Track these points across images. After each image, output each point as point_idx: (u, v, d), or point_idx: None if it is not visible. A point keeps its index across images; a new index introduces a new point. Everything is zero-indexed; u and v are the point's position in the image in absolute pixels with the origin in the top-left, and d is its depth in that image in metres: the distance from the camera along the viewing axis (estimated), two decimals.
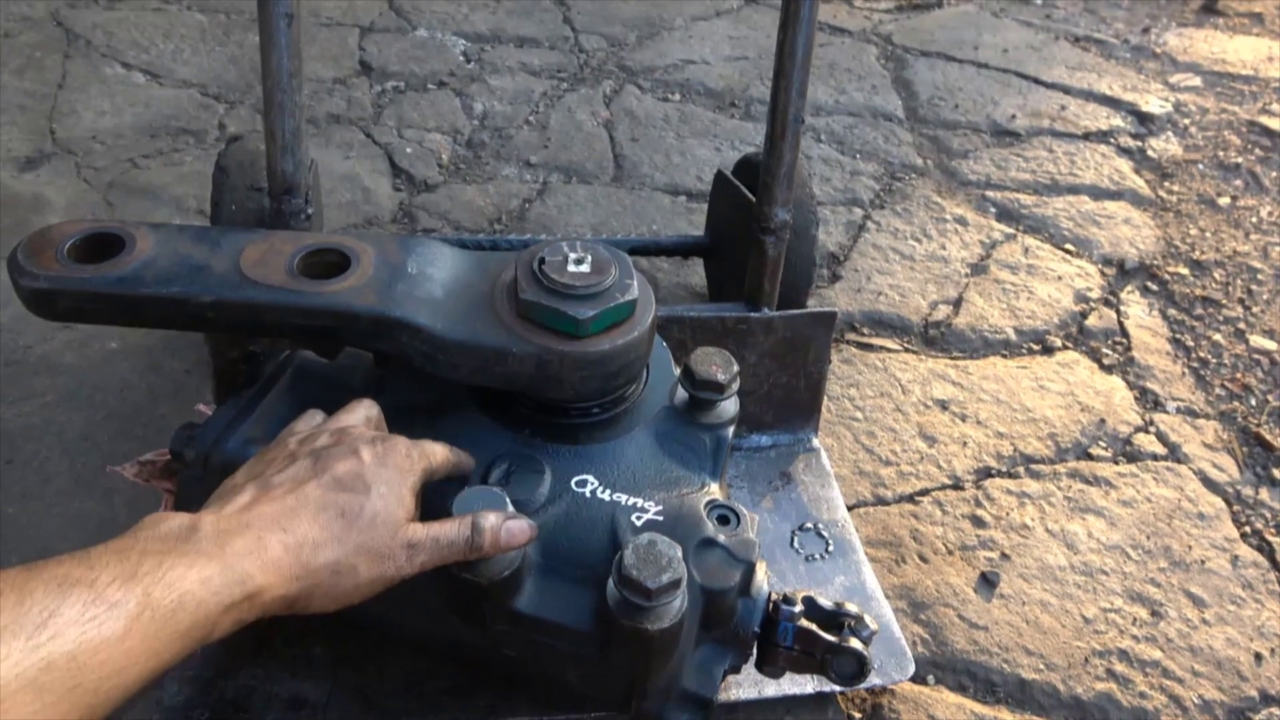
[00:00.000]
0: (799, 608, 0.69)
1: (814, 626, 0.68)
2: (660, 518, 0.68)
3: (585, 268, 0.69)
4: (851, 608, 0.70)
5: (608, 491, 0.69)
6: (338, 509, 0.55)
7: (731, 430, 0.76)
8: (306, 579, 0.53)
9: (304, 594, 0.54)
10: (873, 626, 0.69)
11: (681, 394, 0.76)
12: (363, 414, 0.66)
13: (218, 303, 0.67)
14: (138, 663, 0.45)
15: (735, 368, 0.75)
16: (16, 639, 0.41)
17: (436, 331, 0.68)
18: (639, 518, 0.67)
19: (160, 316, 0.69)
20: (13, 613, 0.41)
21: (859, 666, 0.68)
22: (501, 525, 0.60)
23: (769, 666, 0.71)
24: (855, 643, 0.68)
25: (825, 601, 0.70)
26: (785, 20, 0.87)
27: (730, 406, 0.76)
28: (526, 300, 0.68)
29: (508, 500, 0.62)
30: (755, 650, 0.70)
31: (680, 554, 0.61)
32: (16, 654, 0.40)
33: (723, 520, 0.69)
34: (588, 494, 0.69)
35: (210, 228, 0.74)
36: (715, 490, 0.71)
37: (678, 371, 0.78)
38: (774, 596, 0.69)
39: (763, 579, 0.69)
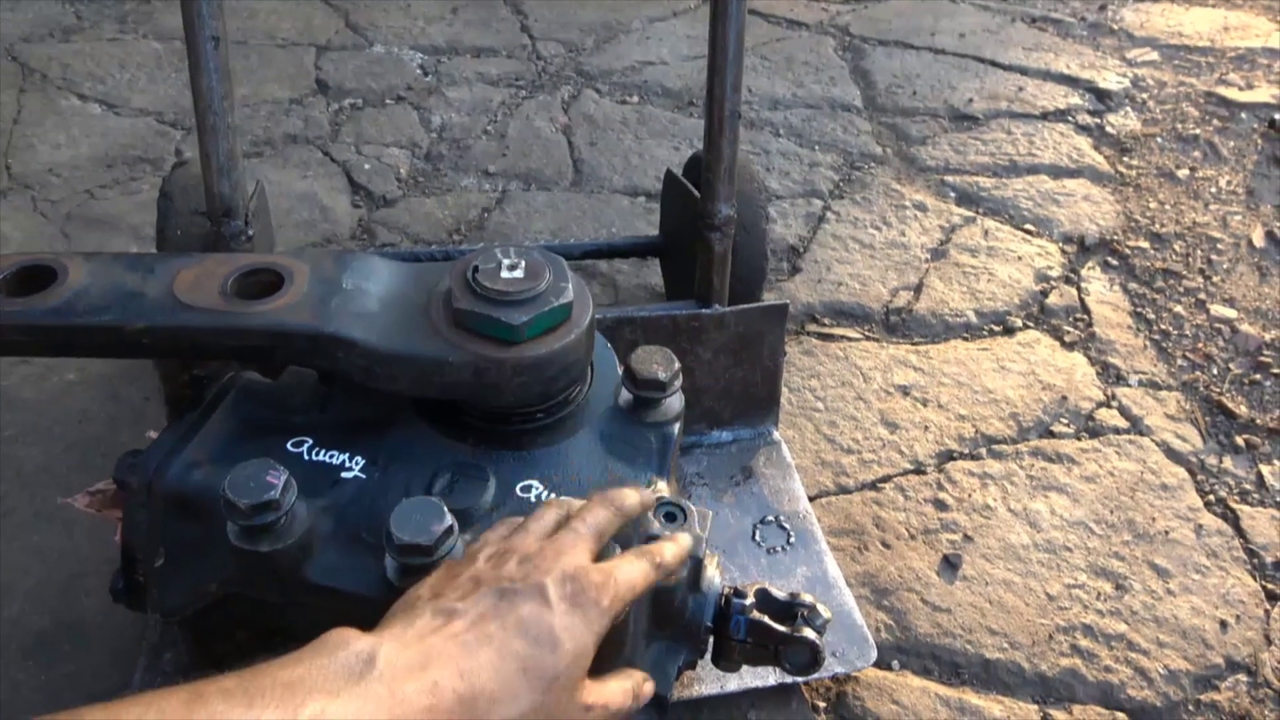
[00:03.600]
0: (751, 600, 0.69)
1: (766, 618, 0.68)
2: None
3: (519, 273, 0.69)
4: (806, 597, 0.70)
5: (553, 495, 0.69)
6: (520, 663, 0.51)
7: (678, 427, 0.76)
8: None
9: None
10: (826, 615, 0.70)
11: (625, 394, 0.76)
12: (553, 520, 0.61)
13: (151, 329, 0.67)
14: None
15: (677, 365, 0.75)
16: None
17: (372, 345, 0.68)
18: None
19: (95, 345, 0.69)
20: None
21: (812, 656, 0.68)
22: (650, 693, 0.61)
23: (725, 661, 0.71)
24: (808, 632, 0.68)
25: (779, 592, 0.70)
26: (715, 16, 0.87)
27: (675, 404, 0.76)
28: (461, 309, 0.68)
29: (446, 509, 0.62)
30: (710, 645, 0.70)
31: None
32: None
33: (670, 518, 0.69)
34: (532, 499, 0.69)
35: (145, 254, 0.74)
36: (662, 488, 0.71)
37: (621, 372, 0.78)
38: (726, 590, 0.69)
39: (714, 574, 0.69)
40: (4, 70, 1.76)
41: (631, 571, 0.59)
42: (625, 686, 0.58)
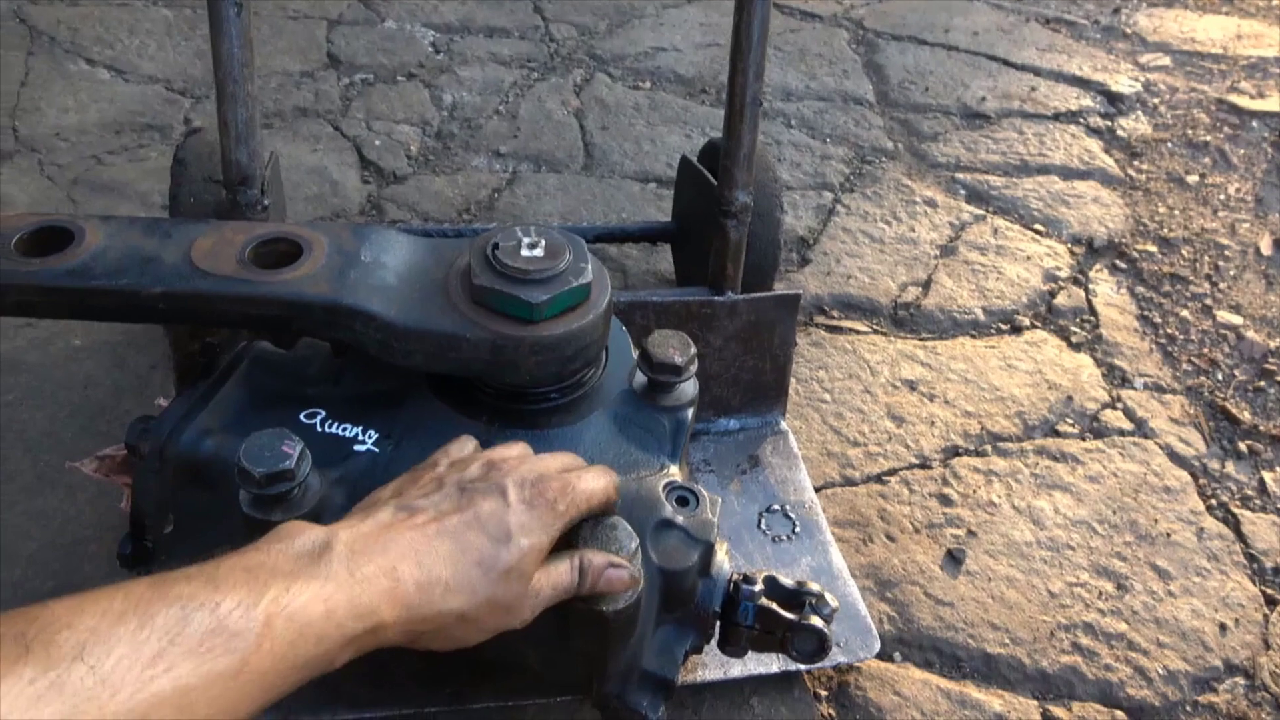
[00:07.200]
0: (759, 587, 0.69)
1: (774, 605, 0.68)
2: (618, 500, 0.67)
3: (539, 252, 0.69)
4: (813, 586, 0.70)
5: None
6: (476, 555, 0.53)
7: (691, 412, 0.76)
8: (432, 621, 0.51)
9: (425, 635, 0.52)
10: (833, 604, 0.70)
11: (640, 377, 0.76)
12: (519, 449, 0.63)
13: (167, 294, 0.67)
14: (249, 697, 0.43)
15: (693, 350, 0.75)
16: (132, 669, 0.38)
17: (390, 319, 0.68)
18: None
19: (110, 309, 0.68)
20: (132, 639, 0.39)
21: (819, 643, 0.68)
22: (604, 569, 0.59)
23: (731, 646, 0.71)
24: (816, 620, 0.68)
25: (786, 580, 0.70)
26: (740, 3, 0.87)
27: (689, 389, 0.76)
28: (480, 286, 0.68)
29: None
30: (717, 630, 0.70)
31: (633, 534, 0.61)
32: (129, 687, 0.38)
33: (682, 501, 0.69)
34: None
35: (162, 219, 0.74)
36: (674, 472, 0.72)
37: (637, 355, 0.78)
38: (735, 576, 0.69)
39: (723, 559, 0.69)
40: (11, 32, 1.74)
41: (592, 483, 0.60)
42: (569, 563, 0.58)
